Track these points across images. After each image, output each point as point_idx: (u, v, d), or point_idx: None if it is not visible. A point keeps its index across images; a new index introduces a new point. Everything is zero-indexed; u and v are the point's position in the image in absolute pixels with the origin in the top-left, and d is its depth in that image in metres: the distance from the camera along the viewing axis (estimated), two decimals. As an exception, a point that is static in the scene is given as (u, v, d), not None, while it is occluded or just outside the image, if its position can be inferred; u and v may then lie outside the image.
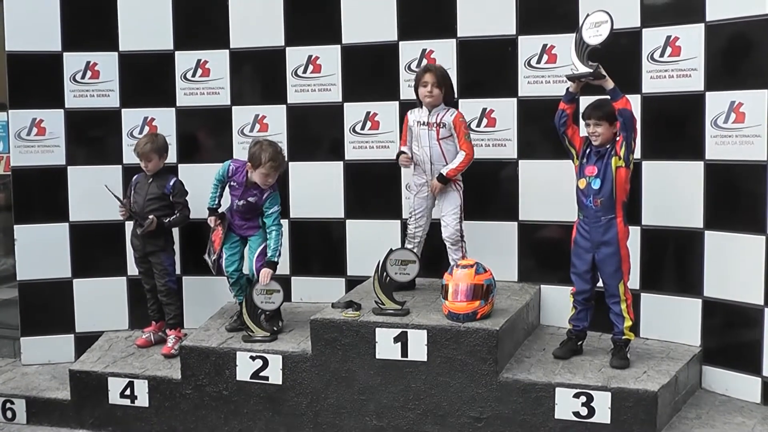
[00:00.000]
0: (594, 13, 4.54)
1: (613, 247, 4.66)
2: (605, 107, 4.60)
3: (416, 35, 5.62)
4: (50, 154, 5.90)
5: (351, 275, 5.85)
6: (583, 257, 4.77)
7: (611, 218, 4.66)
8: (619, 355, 4.76)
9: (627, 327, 4.73)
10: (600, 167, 4.64)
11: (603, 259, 4.70)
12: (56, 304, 5.97)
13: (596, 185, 4.65)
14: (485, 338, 4.61)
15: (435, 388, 4.72)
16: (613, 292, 4.71)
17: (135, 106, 5.99)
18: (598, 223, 4.68)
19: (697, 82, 4.93)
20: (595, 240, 4.70)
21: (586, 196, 4.69)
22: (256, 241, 5.35)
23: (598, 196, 4.65)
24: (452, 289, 4.78)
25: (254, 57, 5.90)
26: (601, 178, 4.63)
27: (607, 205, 4.65)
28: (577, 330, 4.91)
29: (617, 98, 4.51)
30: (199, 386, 5.13)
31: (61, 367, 5.80)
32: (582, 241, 4.77)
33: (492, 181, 5.59)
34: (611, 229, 4.66)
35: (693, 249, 5.01)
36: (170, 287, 5.71)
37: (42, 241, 5.90)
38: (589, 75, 4.52)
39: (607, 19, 4.47)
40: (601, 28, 4.47)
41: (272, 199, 5.28)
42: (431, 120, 5.10)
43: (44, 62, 5.86)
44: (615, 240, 4.66)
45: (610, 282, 4.72)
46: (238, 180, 5.32)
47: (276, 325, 5.29)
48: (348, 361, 4.84)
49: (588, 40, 4.51)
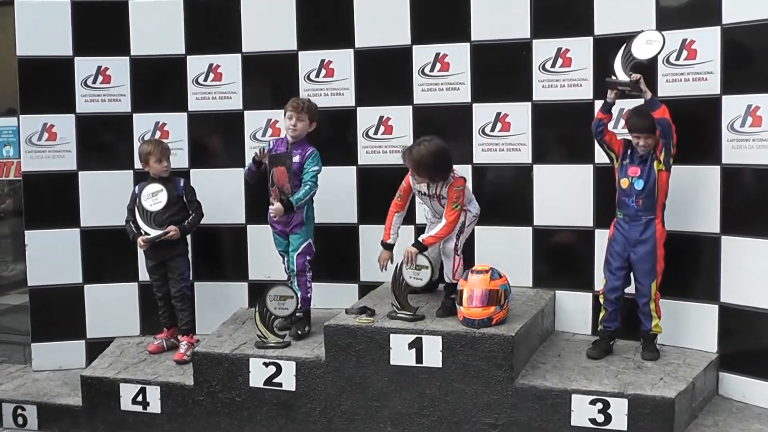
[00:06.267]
0: (649, 31, 4.77)
1: (649, 245, 4.85)
2: (649, 118, 4.76)
3: (430, 39, 5.64)
4: (61, 159, 5.96)
5: (364, 281, 5.87)
6: (618, 255, 4.93)
7: (651, 218, 4.85)
8: (650, 347, 4.98)
9: (655, 324, 4.95)
10: (643, 169, 4.82)
11: (639, 258, 4.87)
12: (67, 310, 6.01)
13: (639, 186, 4.83)
14: (501, 344, 4.66)
15: (450, 395, 4.75)
16: (645, 292, 4.89)
17: (146, 110, 6.04)
18: (638, 222, 4.86)
19: (714, 86, 4.96)
20: (633, 238, 4.88)
21: (628, 195, 4.87)
22: (298, 240, 5.34)
23: (640, 196, 4.83)
24: (467, 294, 4.84)
25: (267, 61, 5.94)
26: (644, 179, 4.82)
27: (648, 206, 4.84)
28: (609, 331, 5.06)
29: (655, 108, 4.70)
30: (212, 393, 5.17)
31: (72, 373, 5.86)
32: (619, 239, 4.93)
33: (506, 186, 5.61)
34: (649, 228, 4.85)
35: (709, 254, 5.04)
36: (185, 293, 5.75)
37: (53, 247, 5.95)
38: (627, 85, 4.69)
39: (660, 40, 4.70)
40: (652, 46, 4.70)
41: (313, 157, 5.27)
42: (431, 192, 5.11)
43: (55, 67, 5.91)
44: (653, 239, 4.84)
45: (644, 281, 4.89)
46: (280, 146, 5.33)
47: (302, 329, 5.31)
48: (362, 368, 4.88)
49: (636, 54, 4.71)
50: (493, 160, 5.47)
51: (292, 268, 5.38)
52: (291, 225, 5.37)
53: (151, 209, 5.55)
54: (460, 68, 5.57)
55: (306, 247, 5.38)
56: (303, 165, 5.28)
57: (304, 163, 5.28)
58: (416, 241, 5.08)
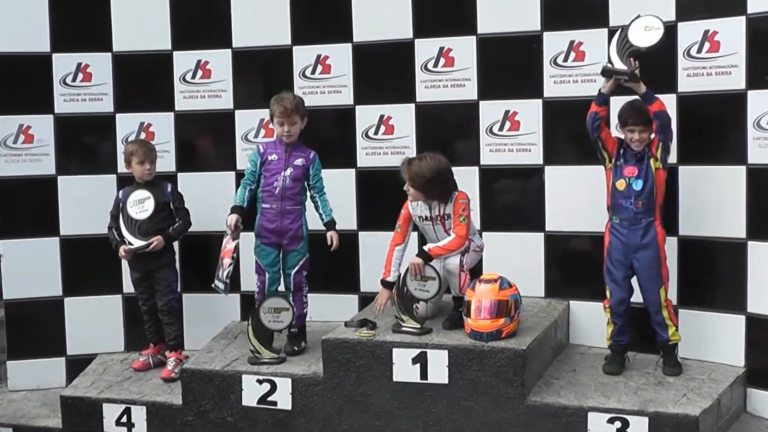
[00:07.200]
0: (647, 17, 4.65)
1: (652, 250, 4.76)
2: (645, 111, 4.68)
3: (433, 32, 5.62)
4: (39, 163, 5.92)
5: (364, 291, 5.84)
6: (620, 263, 4.84)
7: (651, 221, 4.76)
8: (671, 361, 4.87)
9: (672, 332, 4.84)
10: (641, 168, 4.74)
11: (643, 265, 4.78)
12: (46, 325, 5.97)
13: (638, 186, 4.74)
14: (511, 358, 4.60)
15: (457, 413, 4.69)
16: (654, 299, 4.79)
17: (130, 110, 6.01)
18: (637, 225, 4.76)
19: (738, 80, 4.89)
20: (633, 244, 4.78)
21: (626, 197, 4.76)
22: (294, 258, 5.32)
23: (639, 198, 4.73)
24: (475, 305, 4.77)
25: (259, 57, 5.92)
26: (642, 179, 4.73)
27: (648, 207, 4.74)
28: (622, 344, 4.97)
29: (652, 101, 4.63)
30: (202, 412, 5.11)
31: (51, 393, 5.81)
32: (618, 245, 4.83)
33: (516, 189, 5.59)
34: (650, 231, 4.76)
35: (735, 261, 4.97)
36: (172, 305, 5.71)
37: (30, 257, 5.92)
38: (625, 74, 4.60)
39: (661, 27, 4.60)
40: (652, 34, 4.60)
41: (318, 162, 5.32)
42: (434, 214, 5.04)
43: (31, 64, 5.87)
44: (655, 243, 4.76)
45: (651, 288, 4.80)
46: (276, 150, 5.27)
47: (298, 345, 5.30)
48: (363, 385, 4.83)
49: (634, 42, 4.62)
50: (502, 161, 5.42)
51: (289, 287, 5.37)
52: (288, 237, 5.29)
53: (136, 217, 5.53)
54: (465, 63, 5.54)
55: (304, 263, 5.37)
56: (307, 169, 5.29)
57: (309, 167, 5.29)
58: (421, 251, 5.01)
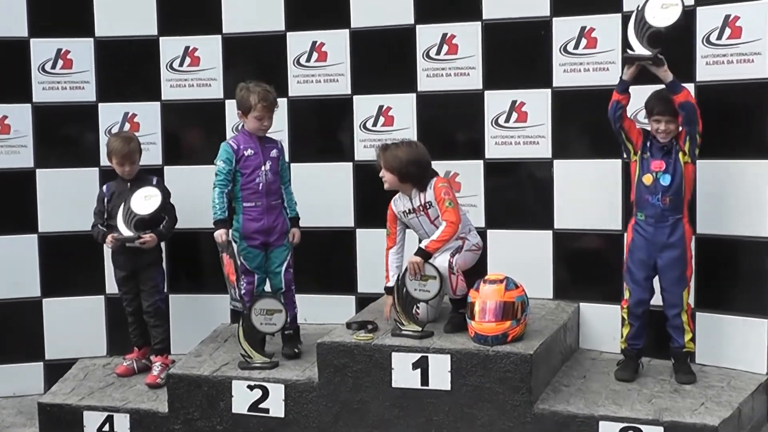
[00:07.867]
0: None
1: (679, 250, 4.68)
2: (671, 100, 4.59)
3: (436, 18, 5.54)
4: (16, 155, 5.83)
5: (362, 292, 5.77)
6: (642, 263, 4.75)
7: (678, 218, 4.69)
8: (684, 369, 4.78)
9: (688, 339, 4.76)
10: (668, 162, 4.67)
11: (667, 264, 4.70)
12: (23, 328, 5.89)
13: (665, 181, 4.65)
14: (517, 364, 4.52)
15: (460, 421, 4.61)
16: (676, 301, 4.71)
17: (114, 100, 5.92)
18: (664, 223, 4.68)
19: (762, 68, 4.75)
20: (659, 242, 4.70)
21: (653, 193, 4.67)
22: (282, 254, 5.21)
23: (667, 194, 4.65)
24: (479, 307, 4.67)
25: (251, 43, 5.85)
26: (671, 173, 4.65)
27: (676, 204, 4.67)
28: (636, 349, 4.87)
29: (678, 91, 4.53)
30: (189, 420, 5.01)
31: (28, 400, 5.73)
32: (642, 244, 4.74)
33: (523, 185, 5.53)
34: (678, 230, 4.68)
35: (757, 261, 4.85)
36: (159, 306, 5.61)
37: (6, 256, 5.83)
38: (648, 59, 4.47)
39: (678, 2, 4.45)
40: (669, 11, 4.46)
41: (285, 153, 5.30)
42: (415, 205, 4.97)
43: (8, 50, 5.78)
44: (682, 242, 4.68)
45: (674, 290, 4.71)
46: (250, 144, 5.13)
47: (297, 347, 5.23)
48: (360, 391, 4.75)
49: (652, 22, 4.49)
50: (508, 154, 5.35)
51: (279, 286, 5.25)
52: (276, 233, 5.19)
53: (138, 211, 5.34)
54: (470, 51, 5.45)
55: (290, 258, 5.28)
56: (279, 160, 5.24)
57: (279, 158, 5.25)
58: (419, 249, 4.91)
